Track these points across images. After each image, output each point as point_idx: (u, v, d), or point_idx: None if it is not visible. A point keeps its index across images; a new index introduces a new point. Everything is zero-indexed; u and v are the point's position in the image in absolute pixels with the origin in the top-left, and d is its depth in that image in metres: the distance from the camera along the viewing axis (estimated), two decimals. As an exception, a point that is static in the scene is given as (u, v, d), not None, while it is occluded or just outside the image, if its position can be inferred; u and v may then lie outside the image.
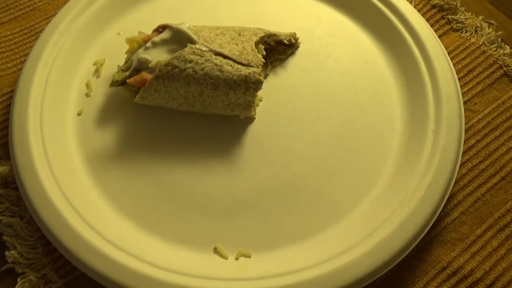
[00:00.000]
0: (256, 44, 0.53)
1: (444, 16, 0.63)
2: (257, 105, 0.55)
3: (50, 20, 0.58)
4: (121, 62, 0.54)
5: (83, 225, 0.44)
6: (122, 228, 0.46)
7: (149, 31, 0.55)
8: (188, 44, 0.50)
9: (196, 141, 0.52)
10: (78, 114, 0.54)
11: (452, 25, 0.63)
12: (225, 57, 0.50)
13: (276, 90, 0.56)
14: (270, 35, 0.56)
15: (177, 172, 0.50)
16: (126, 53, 0.55)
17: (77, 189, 0.48)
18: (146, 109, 0.54)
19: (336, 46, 0.59)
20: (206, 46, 0.50)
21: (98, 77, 0.57)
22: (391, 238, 0.43)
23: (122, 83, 0.52)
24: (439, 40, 0.58)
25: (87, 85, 0.56)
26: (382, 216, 0.45)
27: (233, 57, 0.50)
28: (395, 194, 0.47)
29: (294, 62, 0.59)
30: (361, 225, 0.46)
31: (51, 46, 0.56)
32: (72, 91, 0.55)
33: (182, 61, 0.49)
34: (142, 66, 0.51)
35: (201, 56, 0.49)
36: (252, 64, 0.50)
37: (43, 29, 0.58)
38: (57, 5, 0.64)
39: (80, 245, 0.42)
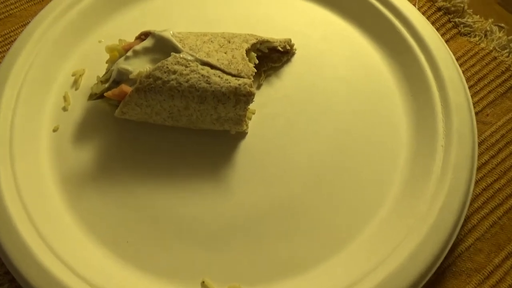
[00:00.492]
0: (248, 51, 0.49)
1: (451, 20, 0.59)
2: (249, 119, 0.50)
3: (26, 28, 0.54)
4: (102, 72, 0.50)
5: (53, 259, 0.39)
6: (99, 260, 0.42)
7: (132, 39, 0.50)
8: (172, 53, 0.46)
9: (183, 159, 0.48)
10: (54, 130, 0.50)
11: (460, 29, 0.58)
12: (212, 67, 0.46)
13: (270, 101, 0.52)
14: (263, 42, 0.51)
15: (162, 195, 0.46)
16: (106, 62, 0.50)
17: (49, 216, 0.43)
18: (128, 124, 0.50)
19: (334, 52, 0.55)
20: (192, 55, 0.46)
21: (76, 89, 0.53)
22: (400, 272, 0.38)
23: (101, 96, 0.48)
24: (446, 46, 0.53)
25: (65, 98, 0.52)
26: (388, 245, 0.41)
27: (222, 67, 0.46)
28: (403, 219, 0.43)
29: (290, 70, 0.54)
30: (366, 255, 0.41)
31: (24, 56, 0.51)
32: (47, 105, 0.51)
33: (165, 72, 0.45)
34: (122, 77, 0.47)
35: (186, 66, 0.45)
36: (242, 74, 0.46)
37: (18, 37, 0.53)
38: (34, 11, 0.60)
39: (48, 283, 0.38)
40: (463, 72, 0.54)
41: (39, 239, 0.41)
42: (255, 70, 0.47)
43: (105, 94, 0.46)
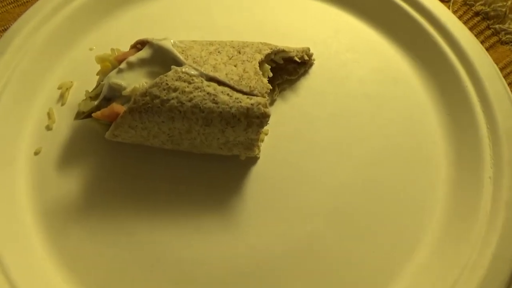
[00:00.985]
0: (261, 64, 0.42)
1: (490, 26, 0.52)
2: (262, 141, 0.44)
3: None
4: (93, 85, 0.44)
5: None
6: (84, 313, 0.35)
7: (127, 47, 0.44)
8: (173, 67, 0.39)
9: (184, 189, 0.42)
10: (35, 154, 0.44)
11: (500, 36, 0.52)
12: (220, 83, 0.39)
13: (285, 120, 0.45)
14: (278, 52, 0.45)
15: (159, 233, 0.39)
16: (97, 74, 0.43)
17: (23, 259, 0.37)
18: (121, 147, 0.43)
19: (358, 64, 0.49)
20: (196, 69, 0.39)
21: (63, 104, 0.47)
22: None
23: (90, 115, 0.41)
24: (489, 56, 0.46)
25: (49, 115, 0.46)
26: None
27: (231, 83, 0.39)
28: (446, 267, 0.36)
29: (307, 84, 0.48)
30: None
31: (3, 65, 0.46)
32: (28, 123, 0.45)
33: (164, 90, 0.38)
34: (113, 93, 0.40)
35: (189, 83, 0.38)
36: (255, 92, 0.39)
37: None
38: (18, 13, 0.53)
39: None
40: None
41: (10, 289, 0.34)
42: (270, 87, 0.40)
43: (93, 114, 0.39)
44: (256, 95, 0.39)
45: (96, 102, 0.41)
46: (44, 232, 0.39)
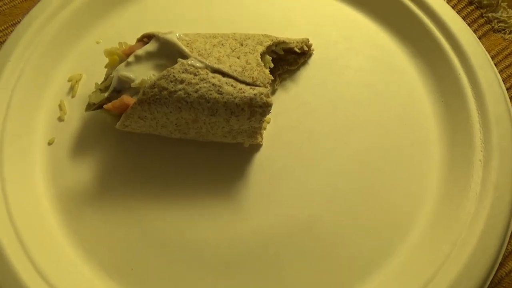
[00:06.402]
0: (262, 55, 0.44)
1: (483, 15, 0.54)
2: (265, 129, 0.46)
3: (17, 27, 0.49)
4: (101, 77, 0.46)
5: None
6: (101, 290, 0.38)
7: (133, 38, 0.45)
8: (179, 60, 0.41)
9: (191, 175, 0.44)
10: (49, 144, 0.46)
11: (493, 25, 0.53)
12: (224, 74, 0.41)
13: (286, 109, 0.47)
14: (278, 43, 0.46)
15: (169, 216, 0.42)
16: (105, 67, 0.45)
17: (43, 242, 0.39)
18: (131, 136, 0.45)
19: (356, 53, 0.50)
20: (201, 62, 0.41)
21: (73, 96, 0.48)
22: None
23: (100, 106, 0.43)
24: (481, 44, 0.48)
25: (60, 107, 0.47)
26: (421, 276, 0.37)
27: (235, 74, 0.41)
28: (437, 245, 0.38)
29: (307, 74, 0.50)
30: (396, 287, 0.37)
31: (15, 59, 0.47)
32: (41, 115, 0.47)
33: (171, 82, 0.40)
34: (123, 85, 0.42)
35: (195, 75, 0.40)
36: (258, 82, 0.41)
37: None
38: (26, 8, 0.55)
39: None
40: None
41: (32, 268, 0.37)
42: (272, 78, 0.42)
43: (104, 106, 0.41)
44: (259, 86, 0.41)
45: (106, 94, 0.43)
46: (61, 217, 0.41)
